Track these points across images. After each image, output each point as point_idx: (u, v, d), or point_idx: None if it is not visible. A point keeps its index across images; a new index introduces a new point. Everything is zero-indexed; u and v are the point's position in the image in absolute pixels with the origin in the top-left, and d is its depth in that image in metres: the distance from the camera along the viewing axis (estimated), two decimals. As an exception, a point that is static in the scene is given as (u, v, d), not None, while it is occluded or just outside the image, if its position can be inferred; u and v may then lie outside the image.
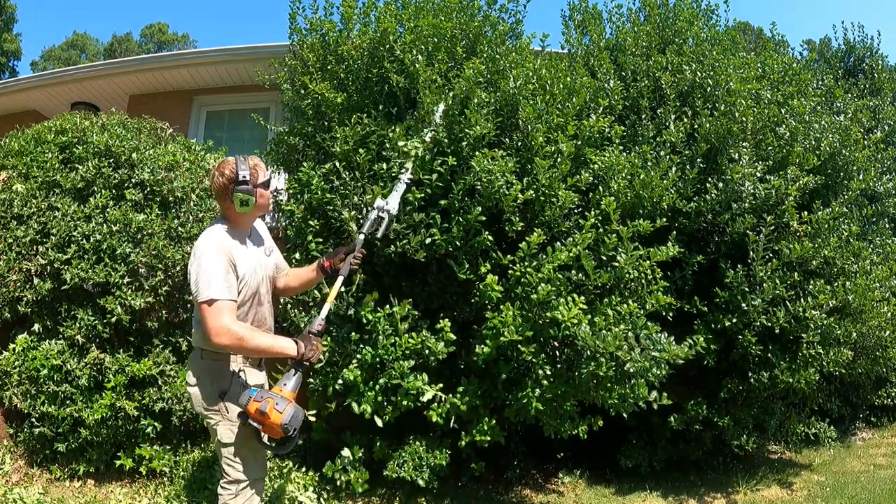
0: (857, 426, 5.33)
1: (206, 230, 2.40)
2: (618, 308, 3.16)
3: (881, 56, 6.83)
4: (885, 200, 4.91)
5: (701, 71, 4.12)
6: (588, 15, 4.99)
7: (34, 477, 3.43)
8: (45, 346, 3.38)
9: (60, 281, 3.34)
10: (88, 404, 3.33)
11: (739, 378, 3.81)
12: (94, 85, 7.23)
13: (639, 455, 4.06)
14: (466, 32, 3.77)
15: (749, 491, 3.90)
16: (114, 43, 37.11)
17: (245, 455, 2.36)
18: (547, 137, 3.47)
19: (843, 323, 3.71)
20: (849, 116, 4.73)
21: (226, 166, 2.34)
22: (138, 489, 3.41)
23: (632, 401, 3.20)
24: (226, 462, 2.35)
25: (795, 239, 3.68)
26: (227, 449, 2.34)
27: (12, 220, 3.56)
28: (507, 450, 4.00)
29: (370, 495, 3.64)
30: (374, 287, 3.45)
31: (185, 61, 7.02)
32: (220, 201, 2.41)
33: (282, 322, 3.88)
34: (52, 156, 3.64)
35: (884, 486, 3.83)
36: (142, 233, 3.45)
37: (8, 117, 7.26)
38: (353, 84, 3.73)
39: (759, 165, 3.81)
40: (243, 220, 2.43)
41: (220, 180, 2.33)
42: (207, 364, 2.34)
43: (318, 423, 3.69)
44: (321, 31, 3.87)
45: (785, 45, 6.44)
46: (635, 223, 3.35)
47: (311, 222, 3.47)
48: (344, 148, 3.46)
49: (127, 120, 4.07)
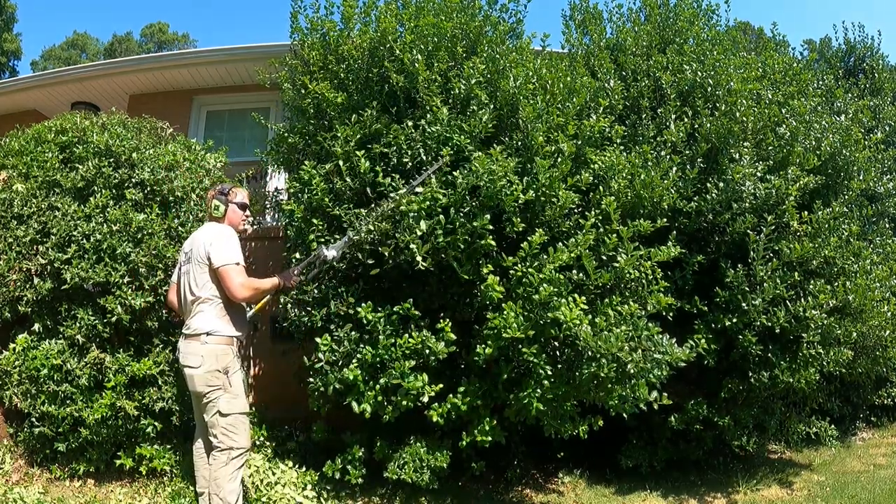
0: (857, 426, 5.33)
1: (212, 226, 3.07)
2: (619, 308, 3.15)
3: (882, 56, 6.82)
4: (886, 200, 4.91)
5: (701, 71, 4.12)
6: (589, 15, 4.99)
7: (34, 476, 3.43)
8: (45, 345, 3.38)
9: (60, 280, 3.34)
10: (88, 404, 3.33)
11: (740, 378, 3.81)
12: (94, 85, 7.22)
13: (639, 455, 4.06)
14: (467, 32, 3.77)
15: (749, 491, 3.90)
16: (114, 43, 37.04)
17: (238, 425, 2.85)
18: (547, 137, 3.47)
19: (844, 323, 3.71)
20: (849, 116, 4.73)
21: (219, 186, 3.23)
22: (138, 489, 3.41)
23: (632, 401, 3.20)
24: (222, 431, 2.82)
25: (796, 239, 3.67)
26: (226, 419, 2.82)
27: (12, 219, 3.56)
28: (508, 450, 4.00)
29: (370, 495, 3.64)
30: (375, 286, 3.45)
31: (185, 61, 7.01)
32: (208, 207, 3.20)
33: (281, 322, 3.89)
34: (53, 155, 3.64)
35: (884, 486, 3.83)
36: (142, 232, 3.45)
37: (8, 117, 7.24)
38: (354, 83, 3.73)
39: (760, 165, 3.81)
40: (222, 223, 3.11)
41: (211, 192, 3.19)
42: (212, 347, 2.83)
43: (319, 423, 3.69)
44: (322, 30, 3.87)
45: (785, 45, 6.44)
46: (636, 223, 3.35)
47: (312, 221, 3.47)
48: (345, 147, 3.46)
49: (127, 119, 4.07)
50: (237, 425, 2.85)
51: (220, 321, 2.89)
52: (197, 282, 2.90)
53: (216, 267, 2.85)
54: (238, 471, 2.84)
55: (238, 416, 2.85)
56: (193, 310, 2.91)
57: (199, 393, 2.84)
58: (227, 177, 4.14)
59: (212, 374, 2.81)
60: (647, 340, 3.16)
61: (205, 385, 2.81)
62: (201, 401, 2.87)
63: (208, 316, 2.87)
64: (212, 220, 3.13)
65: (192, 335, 2.86)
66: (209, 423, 2.85)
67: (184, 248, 3.12)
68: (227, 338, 2.88)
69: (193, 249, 2.97)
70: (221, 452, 2.82)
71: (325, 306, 3.49)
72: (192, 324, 2.89)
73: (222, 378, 2.83)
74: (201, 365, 2.80)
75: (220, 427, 2.82)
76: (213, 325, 2.86)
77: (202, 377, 2.81)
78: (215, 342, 2.84)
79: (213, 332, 2.85)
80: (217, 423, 2.82)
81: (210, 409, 2.84)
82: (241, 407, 2.88)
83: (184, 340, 2.91)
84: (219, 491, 2.78)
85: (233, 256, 2.88)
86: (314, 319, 3.46)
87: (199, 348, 2.83)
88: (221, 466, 2.80)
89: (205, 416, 2.89)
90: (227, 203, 3.11)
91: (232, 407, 2.84)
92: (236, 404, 2.86)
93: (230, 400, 2.84)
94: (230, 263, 2.85)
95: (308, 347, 3.52)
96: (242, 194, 3.22)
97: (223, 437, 2.82)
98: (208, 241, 2.91)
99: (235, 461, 2.83)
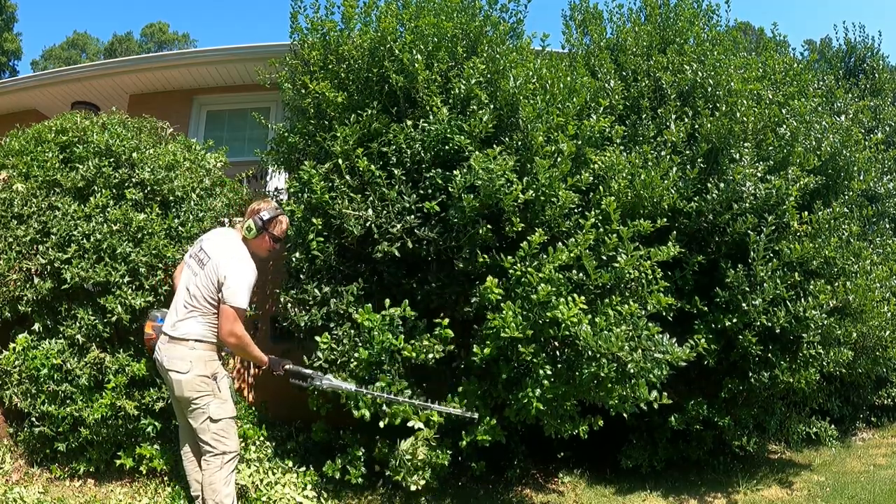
0: (857, 426, 5.33)
1: (229, 233, 3.06)
2: (619, 308, 3.15)
3: (882, 56, 6.82)
4: (886, 201, 4.90)
5: (702, 71, 4.12)
6: (589, 15, 4.99)
7: (34, 476, 3.43)
8: (45, 345, 3.38)
9: (61, 280, 3.34)
10: (88, 403, 3.33)
11: (740, 378, 3.81)
12: (94, 84, 7.23)
13: (639, 455, 4.06)
14: (467, 32, 3.77)
15: (749, 491, 3.90)
16: (114, 42, 37.02)
17: (229, 429, 2.85)
18: (547, 137, 3.47)
19: (844, 323, 3.71)
20: (850, 117, 4.73)
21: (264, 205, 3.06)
22: (138, 488, 3.41)
23: (632, 401, 3.20)
24: (213, 437, 2.80)
25: (796, 239, 3.67)
26: (216, 424, 2.80)
27: (12, 219, 3.55)
28: (508, 450, 4.00)
29: (370, 495, 3.64)
30: (375, 284, 3.45)
31: (185, 61, 7.02)
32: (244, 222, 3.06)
33: (281, 321, 3.89)
34: (53, 155, 3.64)
35: (884, 486, 3.83)
36: (142, 232, 3.45)
37: (8, 116, 7.24)
38: (354, 83, 3.73)
39: (760, 165, 3.81)
40: (249, 244, 3.01)
41: (254, 206, 3.06)
42: (200, 353, 2.81)
43: (319, 423, 3.69)
44: (322, 30, 3.87)
45: (786, 46, 6.43)
46: (636, 223, 3.35)
47: (312, 221, 3.47)
48: (344, 147, 3.46)
49: (127, 119, 4.07)
50: (227, 429, 2.84)
51: (209, 331, 2.85)
52: (201, 293, 2.83)
53: (224, 301, 2.77)
54: (231, 474, 2.85)
55: (228, 421, 2.85)
56: (185, 312, 2.84)
57: (186, 398, 2.79)
58: (227, 176, 4.14)
59: (201, 380, 2.78)
60: (647, 340, 3.16)
61: (193, 390, 2.77)
62: (188, 406, 2.81)
63: (200, 324, 2.83)
64: (237, 232, 3.04)
65: (180, 339, 2.80)
66: (198, 428, 2.82)
67: (203, 244, 2.98)
68: (214, 344, 2.86)
69: (212, 260, 2.86)
70: (214, 457, 2.80)
71: (325, 305, 3.49)
72: (181, 327, 2.82)
73: (211, 384, 2.81)
74: (189, 370, 2.76)
75: (211, 433, 2.80)
76: (203, 332, 2.83)
77: (190, 382, 2.76)
78: (203, 348, 2.82)
79: (202, 339, 2.82)
80: (208, 429, 2.80)
81: (199, 416, 2.80)
82: (230, 411, 2.88)
83: (168, 343, 2.83)
84: (215, 496, 2.77)
85: (243, 301, 2.79)
86: (314, 318, 3.46)
87: (187, 353, 2.78)
88: (216, 471, 2.79)
89: (192, 422, 2.84)
90: (262, 230, 2.99)
91: (222, 412, 2.82)
92: (226, 409, 2.85)
93: (220, 405, 2.82)
94: (238, 308, 2.77)
95: (308, 347, 3.53)
96: (282, 226, 3.10)
97: (215, 443, 2.81)
98: (225, 270, 2.80)
99: (229, 465, 2.83)
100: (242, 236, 2.99)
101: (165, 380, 2.92)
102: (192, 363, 2.77)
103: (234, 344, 2.80)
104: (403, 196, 3.39)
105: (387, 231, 3.36)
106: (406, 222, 3.35)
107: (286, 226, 3.15)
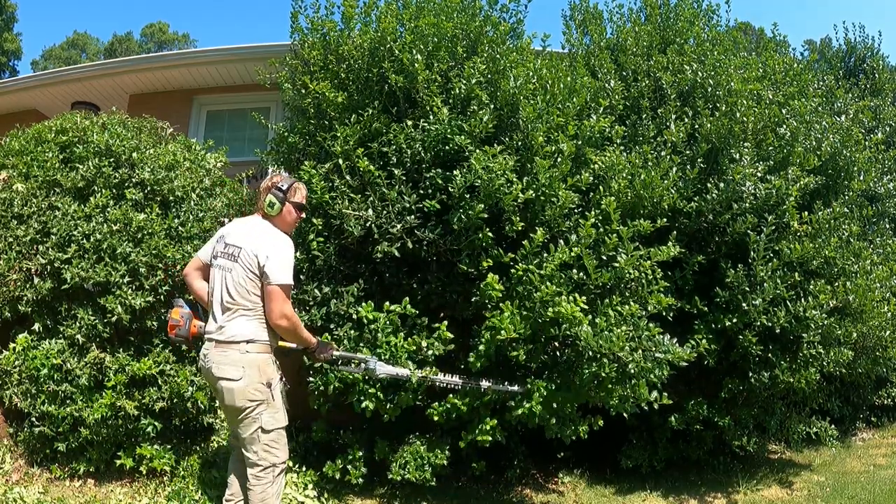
0: (857, 426, 5.33)
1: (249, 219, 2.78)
2: (619, 308, 3.16)
3: (882, 56, 6.83)
4: (886, 201, 4.90)
5: (702, 71, 4.12)
6: (589, 15, 4.99)
7: (34, 476, 3.43)
8: (45, 345, 3.37)
9: (61, 280, 3.34)
10: (88, 403, 3.33)
11: (740, 378, 3.81)
12: (94, 84, 7.23)
13: (639, 455, 4.06)
14: (467, 32, 3.77)
15: (749, 491, 3.90)
16: (114, 42, 37.02)
17: (280, 440, 2.60)
18: (547, 137, 3.47)
19: (844, 323, 3.71)
20: (850, 117, 4.73)
21: (276, 178, 2.78)
22: (138, 489, 3.41)
23: (633, 401, 3.20)
24: (265, 448, 2.55)
25: (796, 239, 3.67)
26: (268, 435, 2.55)
27: (12, 219, 3.55)
28: (508, 449, 4.00)
29: (371, 495, 3.64)
30: (375, 284, 3.45)
31: (185, 61, 7.02)
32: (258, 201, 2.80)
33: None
34: (53, 155, 3.64)
35: (884, 487, 3.83)
36: (142, 232, 3.45)
37: (8, 116, 7.24)
38: (354, 83, 3.73)
39: (760, 165, 3.81)
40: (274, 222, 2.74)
41: (266, 183, 2.77)
42: (254, 356, 2.52)
43: (319, 423, 3.69)
44: (322, 30, 3.87)
45: (786, 46, 6.43)
46: (636, 223, 3.35)
47: (312, 221, 3.47)
48: (344, 147, 3.47)
49: (127, 119, 4.07)
50: (279, 440, 2.60)
51: (262, 328, 2.57)
52: (239, 289, 2.55)
53: (270, 281, 2.51)
54: (282, 486, 2.67)
55: (280, 431, 2.60)
56: (230, 313, 2.56)
57: (238, 408, 2.51)
58: (227, 176, 4.14)
59: (255, 388, 2.50)
60: (647, 340, 3.16)
61: (246, 400, 2.49)
62: (238, 415, 2.54)
63: (249, 320, 2.55)
64: (262, 216, 2.73)
65: (228, 342, 2.51)
66: (247, 439, 2.55)
67: (226, 236, 2.70)
68: (268, 346, 2.57)
69: (243, 250, 2.58)
70: (265, 472, 2.56)
71: (325, 306, 3.49)
72: (228, 329, 2.53)
73: (265, 391, 2.52)
74: (242, 377, 2.48)
75: (261, 444, 2.54)
76: (255, 331, 2.54)
77: (244, 391, 2.48)
78: (257, 350, 2.53)
79: (254, 339, 2.52)
80: (258, 440, 2.54)
81: (250, 425, 2.53)
82: (282, 421, 2.62)
83: (215, 348, 2.54)
84: None
85: (289, 277, 2.56)
86: (314, 319, 3.46)
87: (239, 358, 2.50)
88: (268, 486, 2.56)
89: (240, 432, 2.57)
90: (283, 201, 2.70)
91: (274, 422, 2.57)
92: (279, 418, 2.59)
93: (273, 414, 2.56)
94: (286, 284, 2.54)
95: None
96: (301, 192, 2.83)
97: (265, 455, 2.55)
98: (263, 250, 2.54)
99: (280, 477, 2.62)
100: (264, 215, 2.73)
101: (214, 388, 2.63)
102: (246, 369, 2.49)
103: (286, 327, 2.55)
104: (403, 196, 3.39)
105: (387, 231, 3.36)
106: (406, 222, 3.35)
107: (305, 191, 2.92)
